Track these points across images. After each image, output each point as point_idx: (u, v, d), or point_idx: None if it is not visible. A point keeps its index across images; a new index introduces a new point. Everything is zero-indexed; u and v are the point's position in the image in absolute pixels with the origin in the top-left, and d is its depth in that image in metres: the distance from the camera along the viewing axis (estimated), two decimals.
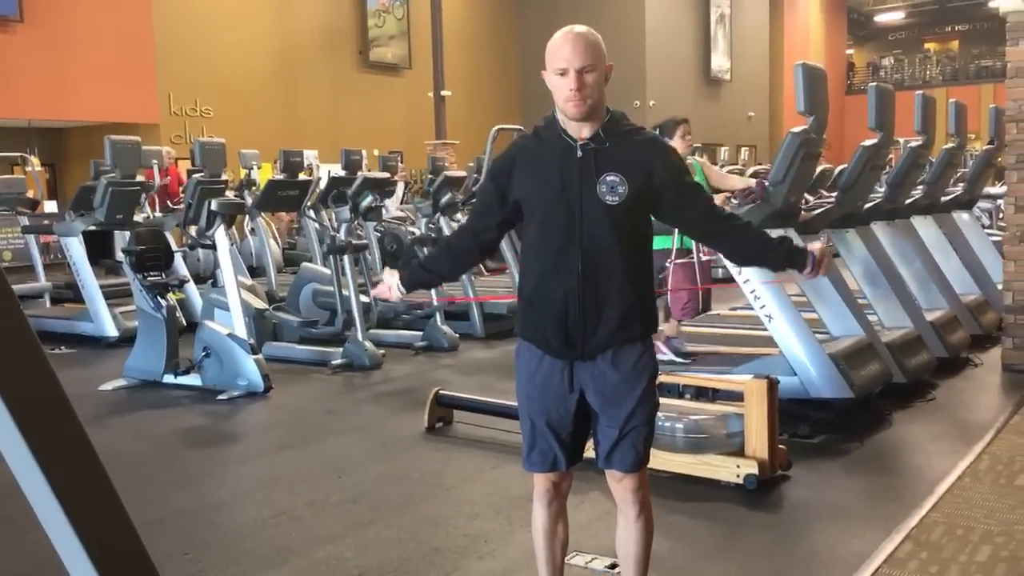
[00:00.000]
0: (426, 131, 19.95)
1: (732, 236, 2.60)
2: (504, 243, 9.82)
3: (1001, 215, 9.37)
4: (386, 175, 10.71)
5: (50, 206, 13.95)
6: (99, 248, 10.45)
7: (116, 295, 8.89)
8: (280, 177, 10.05)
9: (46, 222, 10.37)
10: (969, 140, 9.01)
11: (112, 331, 8.20)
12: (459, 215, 8.99)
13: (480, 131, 13.40)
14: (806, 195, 6.45)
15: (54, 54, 14.86)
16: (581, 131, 2.44)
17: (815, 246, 2.60)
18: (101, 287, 8.42)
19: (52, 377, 1.48)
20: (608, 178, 2.39)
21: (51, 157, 17.52)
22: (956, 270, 7.54)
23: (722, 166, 14.90)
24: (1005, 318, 6.49)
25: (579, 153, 2.41)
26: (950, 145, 7.58)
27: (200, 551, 3.62)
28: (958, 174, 8.91)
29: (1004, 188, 6.78)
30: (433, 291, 7.86)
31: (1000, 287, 6.83)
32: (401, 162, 15.15)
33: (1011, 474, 4.20)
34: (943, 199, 7.84)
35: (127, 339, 7.57)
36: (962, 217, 8.25)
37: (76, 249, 8.41)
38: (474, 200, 2.81)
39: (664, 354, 5.35)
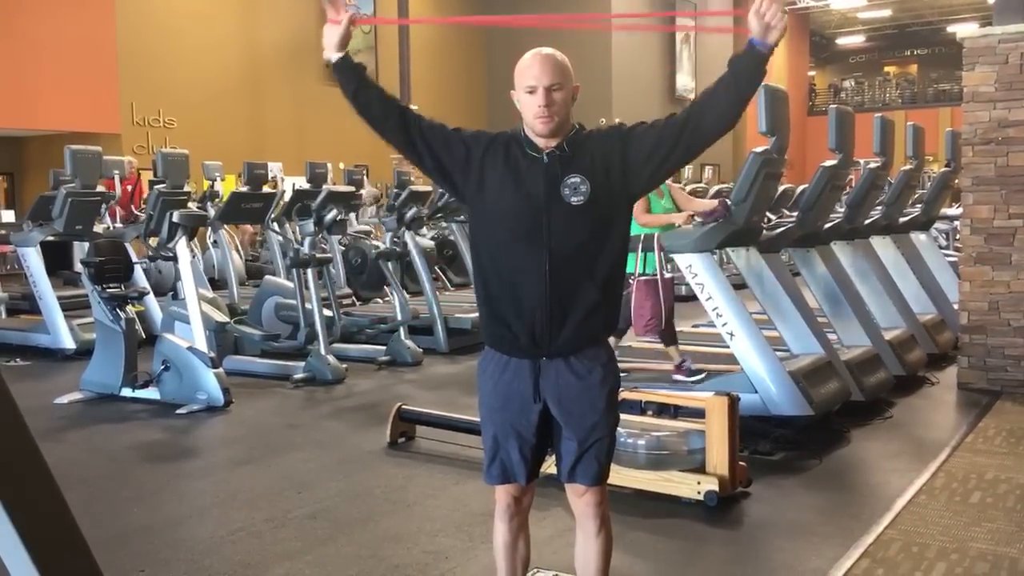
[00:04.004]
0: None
1: (705, 103, 2.44)
2: (469, 258, 9.82)
3: (957, 236, 9.55)
4: (351, 188, 10.68)
5: (7, 215, 13.74)
6: (57, 259, 10.30)
7: (74, 307, 8.75)
8: (244, 189, 9.98)
9: (3, 232, 10.20)
10: (927, 162, 9.18)
11: (69, 343, 8.07)
12: (424, 229, 8.98)
13: None
14: (768, 214, 6.53)
15: (14, 62, 14.64)
16: (547, 146, 2.48)
17: (752, 23, 2.30)
18: (59, 298, 8.30)
19: (4, 389, 1.46)
20: (570, 180, 2.43)
21: (9, 166, 17.25)
22: (913, 290, 7.66)
23: (686, 184, 15.06)
24: (961, 337, 6.60)
25: (545, 160, 2.45)
26: (908, 167, 7.72)
27: (156, 568, 3.57)
28: (916, 195, 9.07)
29: (960, 209, 6.91)
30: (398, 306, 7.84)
31: (956, 307, 6.94)
32: (367, 176, 15.12)
33: (966, 492, 4.26)
34: (901, 220, 7.97)
35: (84, 352, 7.45)
36: (919, 238, 8.39)
37: (33, 259, 8.28)
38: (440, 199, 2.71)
39: (682, 379, 5.40)
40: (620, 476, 4.07)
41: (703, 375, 5.45)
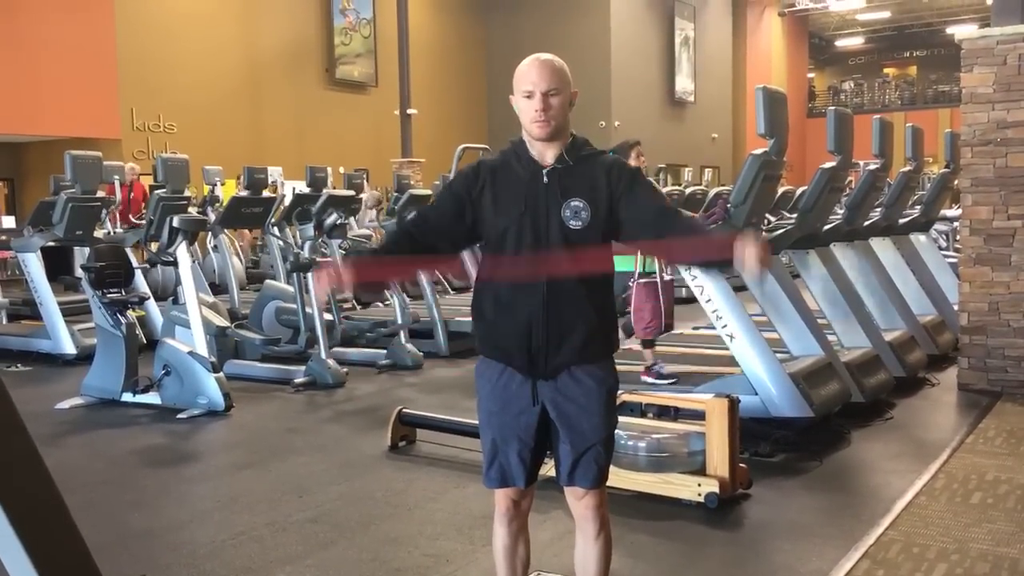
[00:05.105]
0: (392, 149, 19.96)
1: (672, 239, 2.49)
2: (469, 261, 9.81)
3: (957, 237, 9.56)
4: (351, 192, 10.69)
5: (8, 221, 13.74)
6: (58, 264, 10.31)
7: (75, 312, 8.75)
8: (244, 194, 9.99)
9: (3, 238, 10.21)
10: (926, 163, 9.20)
11: (70, 348, 8.07)
12: None
13: (446, 150, 13.42)
14: (767, 216, 6.55)
15: (14, 67, 14.66)
16: (545, 154, 2.49)
17: (748, 247, 2.29)
18: (59, 304, 8.29)
19: (5, 395, 1.46)
20: (572, 203, 2.44)
21: (9, 172, 17.28)
22: (913, 291, 7.67)
23: (686, 187, 15.07)
24: (961, 338, 6.60)
25: (545, 179, 2.46)
26: (907, 168, 7.72)
27: (157, 572, 3.57)
28: (915, 197, 9.07)
29: (959, 211, 6.91)
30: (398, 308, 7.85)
31: (956, 308, 6.95)
32: (367, 180, 15.10)
33: (966, 493, 4.26)
34: (901, 221, 7.97)
35: (85, 357, 7.46)
36: (919, 239, 8.39)
37: (34, 265, 8.28)
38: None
39: (651, 381, 5.41)
40: (620, 478, 4.07)
41: (674, 379, 5.46)
